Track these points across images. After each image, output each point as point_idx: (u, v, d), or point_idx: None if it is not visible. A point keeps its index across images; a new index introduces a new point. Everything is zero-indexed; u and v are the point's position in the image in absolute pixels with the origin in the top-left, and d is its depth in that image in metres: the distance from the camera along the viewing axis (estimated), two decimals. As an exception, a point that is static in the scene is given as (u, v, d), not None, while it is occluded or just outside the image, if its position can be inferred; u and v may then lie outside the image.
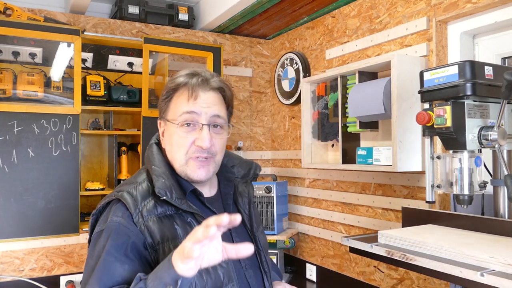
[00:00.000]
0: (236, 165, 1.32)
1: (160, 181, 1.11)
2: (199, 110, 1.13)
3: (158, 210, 1.10)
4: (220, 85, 1.18)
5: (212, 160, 1.16)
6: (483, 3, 1.74)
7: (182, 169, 1.15)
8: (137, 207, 1.09)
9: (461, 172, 1.36)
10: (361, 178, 2.36)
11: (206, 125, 1.13)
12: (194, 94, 1.14)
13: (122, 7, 2.76)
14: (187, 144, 1.13)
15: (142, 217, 1.08)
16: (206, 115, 1.14)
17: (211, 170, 1.16)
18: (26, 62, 2.53)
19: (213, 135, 1.15)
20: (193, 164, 1.14)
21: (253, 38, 3.23)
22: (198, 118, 1.13)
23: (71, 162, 2.42)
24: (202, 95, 1.14)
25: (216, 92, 1.18)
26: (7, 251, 2.35)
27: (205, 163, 1.15)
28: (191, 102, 1.13)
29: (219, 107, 1.17)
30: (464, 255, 1.16)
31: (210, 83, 1.16)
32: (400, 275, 2.11)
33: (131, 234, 1.06)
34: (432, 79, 1.39)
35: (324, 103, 2.46)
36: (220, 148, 1.18)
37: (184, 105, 1.14)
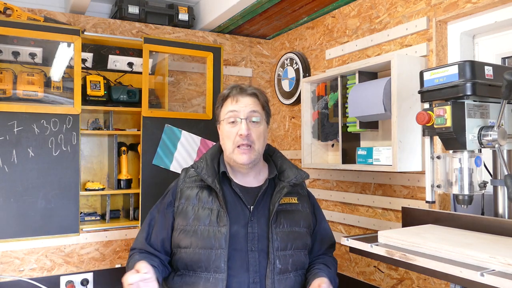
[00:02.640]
0: (287, 170, 1.62)
1: (199, 161, 1.59)
2: (239, 109, 1.54)
3: (194, 183, 1.58)
4: (254, 92, 1.59)
5: (253, 148, 1.52)
6: (483, 3, 1.74)
7: (231, 156, 1.54)
8: (185, 176, 1.61)
9: (461, 172, 1.36)
10: (361, 178, 2.36)
11: (244, 119, 1.52)
12: (235, 99, 1.56)
13: (122, 7, 2.76)
14: (233, 135, 1.52)
15: (184, 183, 1.59)
16: (244, 112, 1.54)
17: (252, 156, 1.52)
18: (26, 62, 2.53)
19: (251, 127, 1.53)
20: (238, 151, 1.52)
21: (253, 38, 3.23)
22: (239, 114, 1.53)
23: (71, 162, 2.42)
24: (241, 99, 1.56)
25: (252, 97, 1.58)
26: (7, 251, 2.35)
27: (247, 150, 1.51)
28: (233, 104, 1.55)
29: (253, 106, 1.56)
30: (464, 255, 1.16)
31: (247, 91, 1.58)
32: (400, 275, 2.11)
33: (169, 196, 1.61)
34: (432, 79, 1.39)
35: (324, 103, 2.46)
36: (257, 137, 1.53)
37: (229, 107, 1.56)
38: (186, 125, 2.73)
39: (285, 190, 1.55)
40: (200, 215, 1.49)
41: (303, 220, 1.59)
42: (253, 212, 1.51)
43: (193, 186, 1.56)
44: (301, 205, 1.62)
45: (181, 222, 1.52)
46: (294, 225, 1.55)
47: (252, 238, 1.47)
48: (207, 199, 1.52)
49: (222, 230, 1.45)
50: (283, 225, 1.52)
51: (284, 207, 1.56)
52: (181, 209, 1.53)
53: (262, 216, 1.51)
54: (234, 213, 1.50)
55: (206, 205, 1.51)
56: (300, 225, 1.57)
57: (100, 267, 2.58)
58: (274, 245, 1.47)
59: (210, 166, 1.55)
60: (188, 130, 2.74)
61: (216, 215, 1.48)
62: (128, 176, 2.75)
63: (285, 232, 1.51)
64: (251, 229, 1.49)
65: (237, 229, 1.48)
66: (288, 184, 1.57)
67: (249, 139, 1.51)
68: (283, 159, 1.67)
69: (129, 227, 2.66)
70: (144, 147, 2.61)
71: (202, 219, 1.48)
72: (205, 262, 1.44)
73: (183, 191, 1.57)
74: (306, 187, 1.73)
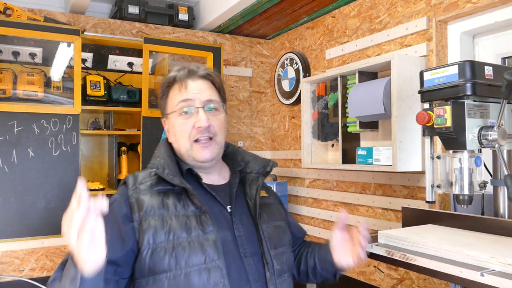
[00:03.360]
0: (251, 161, 1.39)
1: (156, 160, 1.27)
2: (192, 96, 1.25)
3: (156, 186, 1.24)
4: (207, 73, 1.31)
5: (214, 141, 1.26)
6: (483, 3, 1.74)
7: (189, 154, 1.26)
8: (135, 184, 1.25)
9: (461, 172, 1.36)
10: (361, 178, 2.36)
11: (201, 107, 1.25)
12: (184, 84, 1.27)
13: (122, 7, 2.76)
14: (188, 129, 1.24)
15: (138, 191, 1.22)
16: (199, 99, 1.25)
17: (215, 150, 1.27)
18: (26, 62, 2.53)
19: (209, 117, 1.25)
20: (197, 147, 1.25)
21: (253, 38, 3.23)
22: (193, 103, 1.25)
23: (71, 162, 2.42)
24: (192, 84, 1.27)
25: (205, 79, 1.30)
26: (7, 251, 2.35)
27: (208, 144, 1.25)
28: (183, 92, 1.26)
29: (210, 92, 1.29)
30: (464, 255, 1.16)
31: (197, 73, 1.29)
32: (400, 275, 2.11)
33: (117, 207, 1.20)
34: (432, 79, 1.38)
35: (324, 103, 2.46)
36: (219, 128, 1.27)
37: (178, 96, 1.27)
38: (186, 125, 2.72)
39: (260, 180, 1.33)
40: (176, 226, 1.16)
41: (279, 214, 1.40)
42: (233, 212, 1.27)
43: (152, 193, 1.22)
44: (271, 198, 1.43)
45: (152, 240, 1.15)
46: (275, 219, 1.35)
47: (241, 242, 1.22)
48: (177, 206, 1.20)
49: (210, 237, 1.16)
50: (267, 221, 1.31)
51: (261, 200, 1.34)
52: (146, 224, 1.16)
53: (243, 215, 1.28)
54: (214, 216, 1.21)
55: (178, 212, 1.19)
56: (278, 218, 1.37)
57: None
58: (268, 245, 1.25)
59: (171, 165, 1.25)
60: (188, 130, 2.73)
61: (196, 221, 1.18)
62: (128, 176, 2.74)
63: (271, 227, 1.31)
64: (237, 231, 1.24)
65: (224, 234, 1.20)
66: (261, 173, 1.36)
67: (210, 131, 1.24)
68: (242, 151, 1.45)
69: (129, 227, 2.66)
70: (144, 147, 2.61)
71: (180, 230, 1.16)
72: (198, 283, 1.12)
73: (140, 200, 1.19)
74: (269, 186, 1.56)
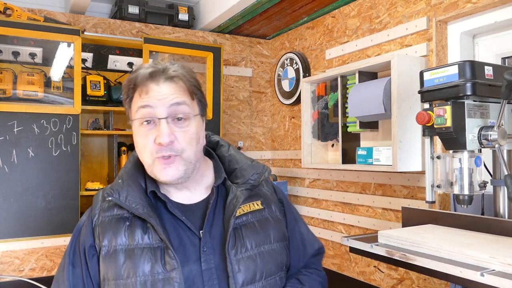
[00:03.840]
0: (241, 169, 1.14)
1: (116, 182, 1.08)
2: (153, 103, 1.01)
3: (115, 211, 1.07)
4: (175, 74, 1.04)
5: (179, 158, 1.02)
6: (483, 3, 1.74)
7: (151, 170, 1.05)
8: (98, 207, 1.09)
9: (461, 172, 1.36)
10: (361, 178, 2.36)
11: (164, 119, 1.00)
12: (145, 89, 1.02)
13: (122, 7, 2.76)
14: (150, 143, 1.02)
15: (99, 217, 1.07)
16: (163, 107, 1.00)
17: (180, 169, 1.03)
18: (26, 62, 2.53)
19: (175, 129, 1.02)
20: (158, 164, 1.02)
21: (253, 38, 3.23)
22: (154, 112, 1.01)
23: (71, 162, 2.42)
24: (155, 88, 1.02)
25: (174, 82, 1.03)
26: (7, 251, 2.35)
27: (170, 161, 1.02)
28: (143, 96, 1.02)
29: (176, 96, 1.02)
30: (464, 255, 1.16)
31: (164, 73, 1.03)
32: (400, 275, 2.11)
33: (85, 236, 1.07)
34: (432, 79, 1.39)
35: (324, 103, 2.46)
36: (187, 143, 1.03)
37: (138, 102, 1.03)
38: (186, 125, 2.72)
39: (241, 197, 1.07)
40: (136, 261, 0.99)
41: (274, 231, 1.12)
42: (204, 238, 1.04)
43: (117, 218, 1.05)
44: (268, 209, 1.14)
45: (110, 275, 1.01)
46: (262, 242, 1.08)
47: (209, 277, 1.01)
48: (141, 235, 1.02)
49: (173, 275, 0.98)
50: (246, 247, 1.05)
51: (244, 220, 1.08)
52: (106, 255, 1.02)
53: (219, 242, 1.05)
54: (181, 246, 1.03)
55: (142, 243, 1.01)
56: (271, 240, 1.10)
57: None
58: (237, 281, 1.01)
59: (134, 187, 1.06)
60: (188, 130, 2.73)
61: (160, 257, 1.00)
62: (128, 176, 2.74)
63: (250, 257, 1.05)
64: (206, 264, 1.02)
65: (189, 270, 1.00)
66: (244, 187, 1.10)
67: (173, 148, 1.01)
68: (232, 153, 1.18)
69: (129, 227, 2.66)
70: (144, 147, 2.61)
71: (140, 266, 0.99)
72: None
73: (104, 225, 1.04)
74: (271, 181, 1.25)
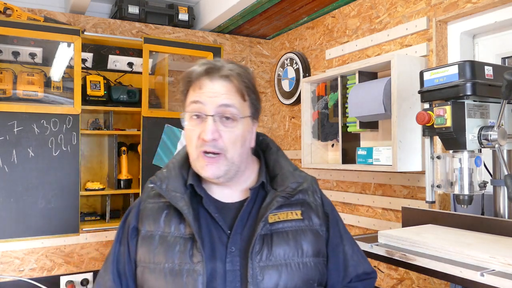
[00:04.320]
0: (281, 173, 1.13)
1: (162, 171, 1.13)
2: (204, 100, 1.04)
3: (158, 199, 1.11)
4: (230, 73, 1.06)
5: (223, 158, 1.04)
6: (483, 3, 1.74)
7: (194, 165, 1.08)
8: (146, 193, 1.14)
9: (461, 172, 1.36)
10: (361, 178, 2.36)
11: (211, 116, 1.03)
12: (199, 84, 1.06)
13: (122, 7, 2.76)
14: (195, 136, 1.05)
15: (145, 203, 1.12)
16: (212, 105, 1.03)
17: (222, 168, 1.04)
18: (26, 62, 2.53)
19: (221, 127, 1.04)
20: (202, 160, 1.05)
21: (253, 38, 3.23)
22: (204, 108, 1.04)
23: (71, 162, 2.42)
24: (209, 84, 1.05)
25: (227, 81, 1.06)
26: (7, 251, 2.35)
27: (213, 160, 1.04)
28: (197, 92, 1.06)
29: (227, 96, 1.04)
30: (464, 255, 1.16)
31: (220, 71, 1.06)
32: (400, 275, 2.11)
33: (131, 218, 1.13)
34: (432, 79, 1.39)
35: (324, 103, 2.46)
36: (231, 143, 1.04)
37: (191, 96, 1.07)
38: (186, 125, 2.73)
39: (274, 204, 1.05)
40: (167, 247, 1.03)
41: (308, 245, 1.06)
42: (233, 239, 1.03)
43: (159, 205, 1.10)
44: (307, 221, 1.09)
45: (144, 257, 1.06)
46: (292, 253, 1.04)
47: (232, 279, 1.00)
48: (176, 225, 1.06)
49: (197, 268, 0.99)
50: (273, 255, 1.02)
51: (279, 227, 1.06)
52: (144, 237, 1.07)
53: (247, 244, 1.03)
54: (210, 243, 1.03)
55: (175, 232, 1.05)
56: (303, 253, 1.05)
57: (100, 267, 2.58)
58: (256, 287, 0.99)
59: (177, 177, 1.10)
60: (188, 130, 2.73)
61: (189, 248, 1.02)
62: (128, 176, 2.75)
63: (275, 266, 1.01)
64: (230, 265, 1.01)
65: (214, 266, 1.01)
66: (280, 194, 1.07)
67: (216, 145, 1.03)
68: (278, 157, 1.17)
69: (129, 227, 2.66)
70: (144, 147, 2.61)
71: (170, 253, 1.03)
72: None
73: (147, 210, 1.10)
74: (320, 190, 1.18)
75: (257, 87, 1.13)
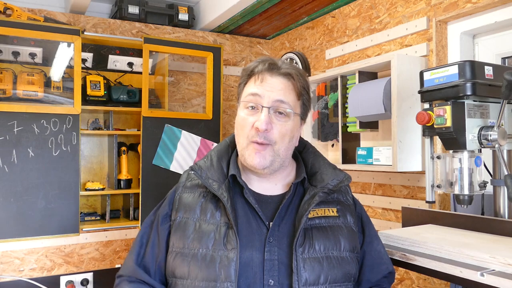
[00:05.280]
0: (322, 172, 1.19)
1: (202, 160, 1.19)
2: (262, 92, 1.12)
3: (196, 189, 1.18)
4: (289, 72, 1.15)
5: (270, 148, 1.11)
6: (483, 3, 1.74)
7: (243, 153, 1.14)
8: (187, 180, 1.21)
9: (461, 172, 1.36)
10: (361, 178, 2.36)
11: (266, 108, 1.11)
12: (260, 77, 1.14)
13: (122, 7, 2.76)
14: (249, 126, 1.12)
15: (184, 189, 1.19)
16: (269, 98, 1.11)
17: (267, 158, 1.11)
18: (26, 62, 2.53)
19: (274, 120, 1.11)
20: (251, 148, 1.11)
21: (253, 38, 3.23)
22: (261, 100, 1.12)
23: (71, 162, 2.42)
24: (269, 79, 1.14)
25: (285, 78, 1.15)
26: (7, 251, 2.35)
27: (262, 148, 1.10)
28: (257, 84, 1.13)
29: (284, 92, 1.13)
30: (464, 255, 1.16)
31: (280, 68, 1.15)
32: (400, 275, 2.11)
33: (164, 205, 1.20)
34: (432, 79, 1.39)
35: (324, 103, 2.46)
36: (280, 136, 1.11)
37: (251, 88, 1.14)
38: (186, 125, 2.73)
39: (316, 199, 1.11)
40: (202, 234, 1.09)
41: (345, 240, 1.13)
42: (273, 230, 1.09)
43: (196, 193, 1.16)
44: (342, 218, 1.17)
45: (177, 243, 1.12)
46: (331, 247, 1.11)
47: (270, 268, 1.05)
48: (212, 212, 1.11)
49: (230, 255, 1.04)
50: (315, 249, 1.09)
51: (316, 222, 1.13)
52: (179, 224, 1.14)
53: (285, 236, 1.09)
54: (247, 232, 1.09)
55: (211, 219, 1.11)
56: (341, 248, 1.12)
57: (100, 267, 2.58)
58: (300, 278, 1.04)
59: (216, 167, 1.16)
60: (188, 130, 2.74)
61: (224, 235, 1.07)
62: (128, 176, 2.75)
63: (317, 258, 1.08)
64: (269, 254, 1.06)
65: (250, 255, 1.06)
66: (321, 190, 1.14)
67: (267, 137, 1.10)
68: (316, 157, 1.24)
69: (129, 227, 2.66)
70: (144, 147, 2.61)
71: (205, 239, 1.08)
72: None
73: (183, 199, 1.17)
74: (351, 193, 1.26)
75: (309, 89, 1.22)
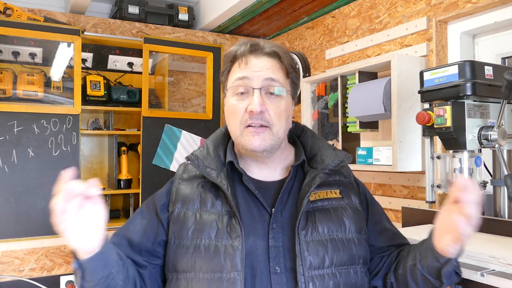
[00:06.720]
0: (320, 152, 1.16)
1: (198, 149, 1.16)
2: (250, 74, 1.08)
3: (193, 180, 1.14)
4: (275, 50, 1.11)
5: (269, 131, 1.07)
6: (483, 3, 1.74)
7: (239, 141, 1.09)
8: (184, 172, 1.18)
9: (461, 172, 1.36)
10: (361, 178, 2.34)
11: (258, 89, 1.06)
12: (244, 60, 1.09)
13: (122, 7, 2.76)
14: (241, 111, 1.07)
15: (181, 181, 1.15)
16: (258, 79, 1.07)
17: (267, 140, 1.07)
18: (26, 62, 2.53)
19: (267, 101, 1.07)
20: (247, 132, 1.07)
21: (253, 38, 3.23)
22: (250, 82, 1.07)
23: (71, 162, 2.42)
24: (254, 60, 1.09)
25: (271, 57, 1.11)
26: (7, 251, 2.35)
27: (260, 130, 1.06)
28: (242, 68, 1.09)
29: (273, 71, 1.09)
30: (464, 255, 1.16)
31: (263, 48, 1.11)
32: (400, 275, 2.11)
33: (160, 195, 1.16)
34: (432, 79, 1.39)
35: (324, 103, 2.46)
36: (276, 117, 1.07)
37: (237, 72, 1.10)
38: (186, 125, 2.73)
39: (317, 180, 1.08)
40: (204, 224, 1.05)
41: (350, 222, 1.09)
42: (275, 216, 1.06)
43: (194, 184, 1.13)
44: (347, 199, 1.13)
45: (177, 235, 1.08)
46: (335, 229, 1.07)
47: (275, 255, 1.02)
48: (213, 202, 1.08)
49: (235, 243, 1.01)
50: (318, 231, 1.05)
51: (319, 205, 1.09)
52: (177, 216, 1.09)
53: (288, 222, 1.06)
54: (249, 219, 1.06)
55: (212, 209, 1.07)
56: (346, 229, 1.08)
57: (100, 267, 2.58)
58: (304, 262, 1.01)
59: (213, 156, 1.13)
60: (188, 130, 2.74)
61: (226, 223, 1.04)
62: (128, 176, 2.75)
63: (320, 241, 1.04)
64: (273, 241, 1.03)
65: (254, 243, 1.03)
66: (322, 171, 1.10)
67: (263, 118, 1.06)
68: (314, 139, 1.21)
69: (129, 227, 2.67)
70: (144, 147, 2.61)
71: (207, 229, 1.04)
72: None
73: (180, 191, 1.13)
74: (352, 173, 1.23)
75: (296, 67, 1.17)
